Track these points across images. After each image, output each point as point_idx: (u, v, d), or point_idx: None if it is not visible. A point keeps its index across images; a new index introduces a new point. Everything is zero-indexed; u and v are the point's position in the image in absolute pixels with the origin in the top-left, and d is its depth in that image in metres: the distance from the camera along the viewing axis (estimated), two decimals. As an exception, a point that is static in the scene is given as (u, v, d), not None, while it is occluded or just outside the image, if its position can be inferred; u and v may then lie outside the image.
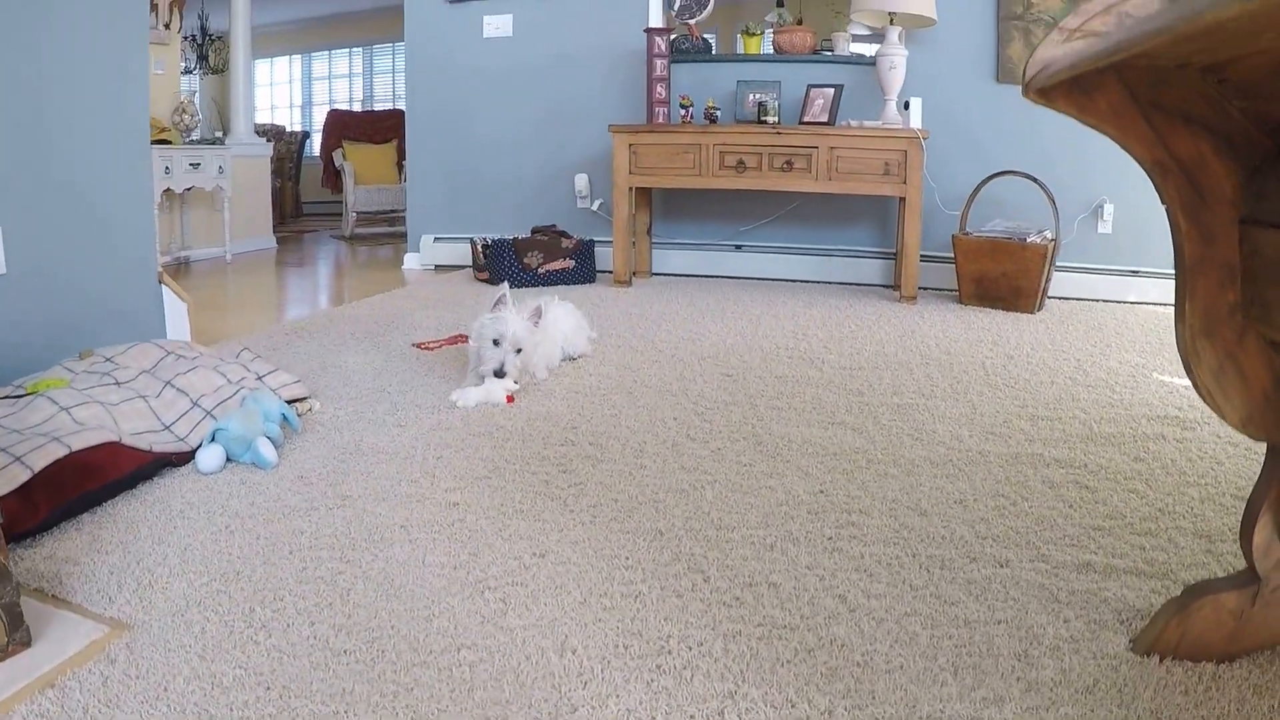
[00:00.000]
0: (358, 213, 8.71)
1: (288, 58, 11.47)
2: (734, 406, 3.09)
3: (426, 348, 3.94)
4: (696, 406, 3.08)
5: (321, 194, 10.01)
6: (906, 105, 5.34)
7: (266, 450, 2.49)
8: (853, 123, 5.44)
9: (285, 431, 2.71)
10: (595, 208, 6.22)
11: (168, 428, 2.62)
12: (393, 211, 8.72)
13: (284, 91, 11.49)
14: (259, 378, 2.96)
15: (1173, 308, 1.73)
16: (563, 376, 3.47)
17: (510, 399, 3.13)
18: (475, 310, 4.91)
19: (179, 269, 7.11)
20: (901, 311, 4.98)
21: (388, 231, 8.93)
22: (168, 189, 6.80)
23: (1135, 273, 5.58)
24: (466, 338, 4.11)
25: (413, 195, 6.65)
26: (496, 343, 3.17)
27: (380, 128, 9.03)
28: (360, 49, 11.12)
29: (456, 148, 6.49)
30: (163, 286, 3.90)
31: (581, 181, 6.22)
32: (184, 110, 7.19)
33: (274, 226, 9.42)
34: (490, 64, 6.37)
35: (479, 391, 3.11)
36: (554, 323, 3.50)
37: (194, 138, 7.24)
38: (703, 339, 4.19)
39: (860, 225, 5.99)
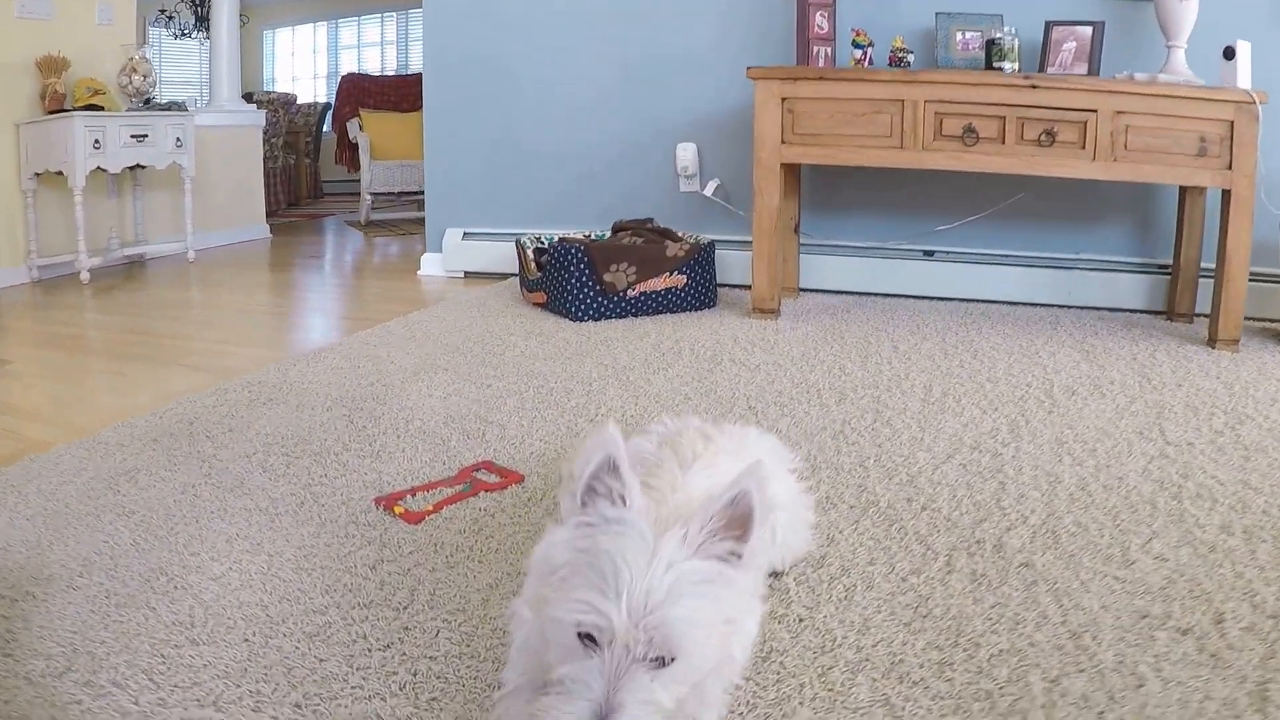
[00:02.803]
0: (373, 194, 6.34)
1: (311, 24, 9.17)
2: None
3: (408, 516, 1.59)
4: None
5: (345, 173, 7.77)
6: (1229, 54, 2.97)
7: None
8: (1138, 75, 3.06)
9: None
10: (709, 192, 3.79)
11: None
12: (418, 193, 6.39)
13: (307, 62, 9.20)
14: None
15: None
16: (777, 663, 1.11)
17: None
18: (517, 374, 2.58)
19: (129, 270, 4.82)
20: (1232, 373, 2.59)
21: (415, 217, 6.59)
22: (98, 168, 4.48)
23: None
24: (482, 479, 1.77)
25: (432, 175, 4.26)
26: (592, 639, 0.88)
27: (406, 94, 6.68)
28: (394, 14, 8.80)
29: (496, 108, 4.10)
30: None
31: (687, 154, 3.81)
32: (134, 69, 4.87)
33: (284, 210, 7.17)
34: (548, -15, 3.99)
35: None
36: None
37: (144, 102, 4.92)
38: (975, 485, 1.82)
39: (1111, 225, 3.58)
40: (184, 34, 7.80)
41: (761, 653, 1.18)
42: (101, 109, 4.60)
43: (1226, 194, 2.94)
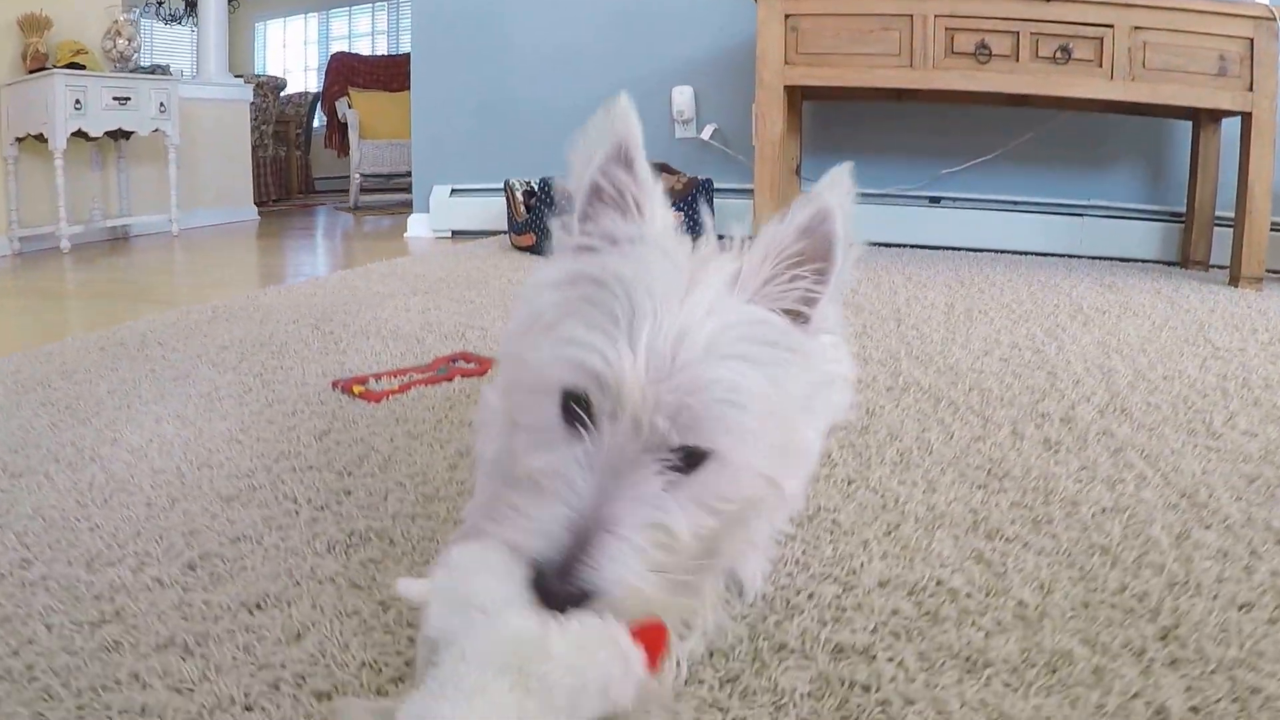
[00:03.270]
0: (363, 174, 6.01)
1: (303, 16, 8.88)
2: None
3: (368, 395, 1.30)
4: None
5: (337, 168, 7.41)
6: (1243, -34, 2.75)
7: None
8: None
9: None
10: (707, 136, 3.51)
11: None
12: (408, 174, 6.07)
13: (298, 54, 8.90)
14: None
15: None
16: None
17: (654, 659, 0.53)
18: (502, 296, 2.29)
19: (112, 244, 4.50)
20: (1263, 305, 2.32)
21: (405, 199, 6.30)
22: (79, 131, 4.16)
23: None
24: (459, 367, 1.41)
25: (419, 129, 3.97)
26: (582, 412, 0.57)
27: (396, 74, 6.37)
28: (384, 3, 8.54)
29: (486, 61, 3.82)
30: None
31: (683, 97, 3.53)
32: (118, 33, 4.56)
33: (274, 202, 6.81)
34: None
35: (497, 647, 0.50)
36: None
37: (129, 70, 4.61)
38: (1023, 374, 1.54)
39: (1123, 170, 3.31)
40: (174, 19, 7.47)
41: (805, 510, 0.89)
42: (83, 68, 4.30)
43: (1247, 121, 2.69)
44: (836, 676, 0.63)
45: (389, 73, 6.58)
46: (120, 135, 4.56)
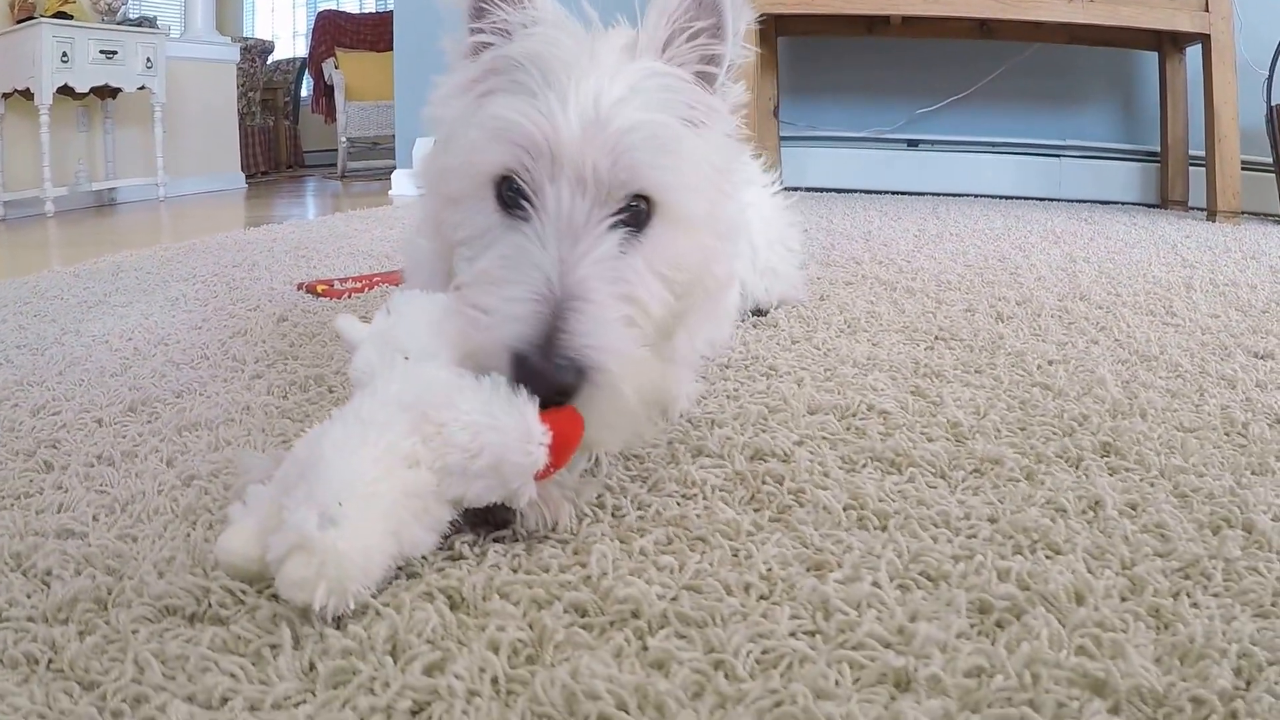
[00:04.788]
0: (350, 138, 5.93)
1: (292, -20, 8.77)
2: None
3: (330, 292, 1.28)
4: None
5: (326, 140, 7.30)
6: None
7: None
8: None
9: None
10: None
11: None
12: (395, 138, 6.00)
13: (287, 18, 8.77)
14: None
15: None
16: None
17: (552, 466, 0.49)
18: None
19: (98, 209, 4.45)
20: (1237, 236, 2.31)
21: (393, 165, 6.23)
22: (64, 86, 4.09)
23: None
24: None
25: (403, 84, 3.94)
26: (519, 195, 0.58)
27: (383, 33, 6.30)
28: (372, -32, 8.42)
29: (468, 10, 3.78)
30: None
31: (660, 45, 3.50)
32: (107, -13, 4.49)
33: (261, 173, 6.71)
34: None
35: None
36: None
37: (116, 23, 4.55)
38: (986, 275, 1.55)
39: (1097, 108, 3.29)
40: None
41: (742, 357, 0.88)
42: (69, 18, 4.22)
43: (1206, 44, 2.65)
44: (751, 473, 0.62)
45: (376, 31, 6.46)
46: (107, 94, 4.50)
